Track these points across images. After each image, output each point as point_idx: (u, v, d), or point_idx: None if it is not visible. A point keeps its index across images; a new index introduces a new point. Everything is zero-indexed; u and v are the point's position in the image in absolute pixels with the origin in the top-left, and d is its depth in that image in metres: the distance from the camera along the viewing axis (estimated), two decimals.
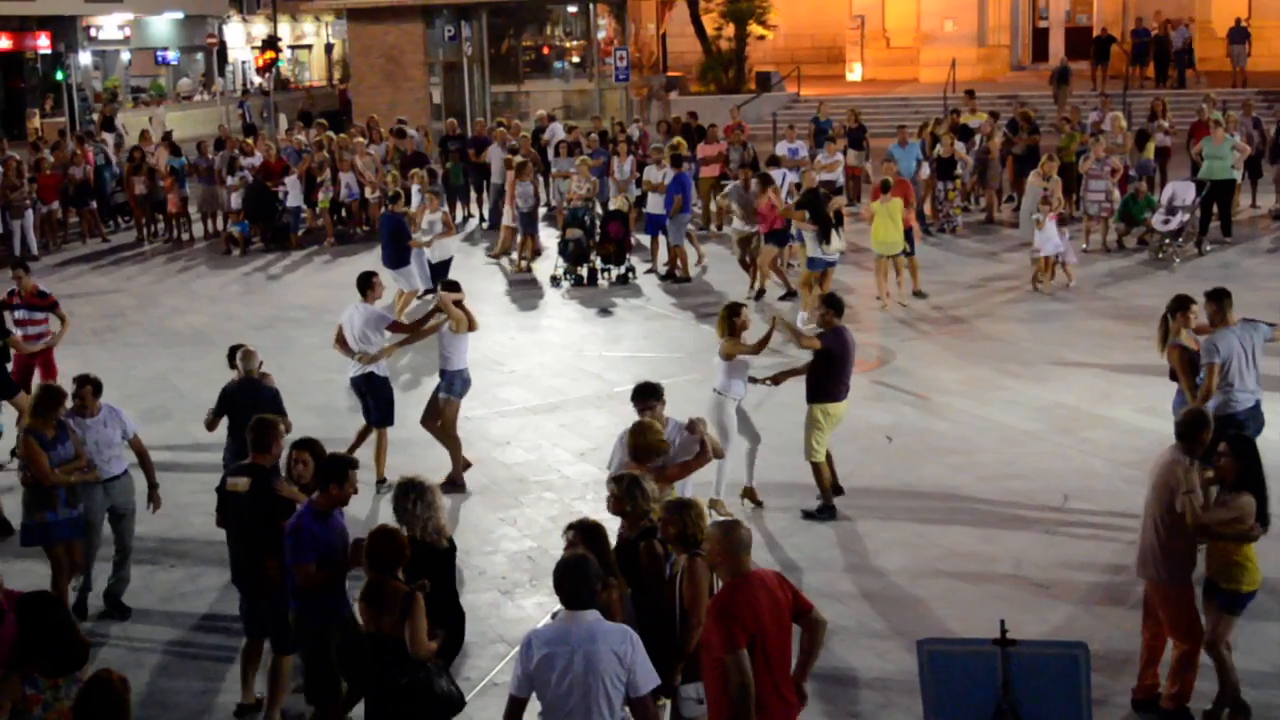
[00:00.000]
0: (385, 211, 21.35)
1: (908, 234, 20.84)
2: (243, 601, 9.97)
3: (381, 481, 14.03)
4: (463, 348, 14.19)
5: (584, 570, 7.25)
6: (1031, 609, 10.97)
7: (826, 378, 12.99)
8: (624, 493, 8.62)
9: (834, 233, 19.53)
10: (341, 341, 14.35)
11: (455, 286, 14.38)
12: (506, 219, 25.60)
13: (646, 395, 10.63)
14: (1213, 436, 10.27)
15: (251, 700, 9.94)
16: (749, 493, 13.28)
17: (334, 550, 8.95)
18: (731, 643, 7.24)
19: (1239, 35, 42.85)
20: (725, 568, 7.53)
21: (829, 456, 13.25)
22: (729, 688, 7.25)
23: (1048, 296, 21.12)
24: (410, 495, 8.74)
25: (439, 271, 21.02)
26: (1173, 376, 12.52)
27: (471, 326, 14.18)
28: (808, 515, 13.00)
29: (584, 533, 8.16)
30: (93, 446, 11.37)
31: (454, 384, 14.23)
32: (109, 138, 36.06)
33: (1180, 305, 12.35)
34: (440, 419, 14.26)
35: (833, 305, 13.17)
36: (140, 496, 11.89)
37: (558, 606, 7.31)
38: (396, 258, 20.75)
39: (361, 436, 14.47)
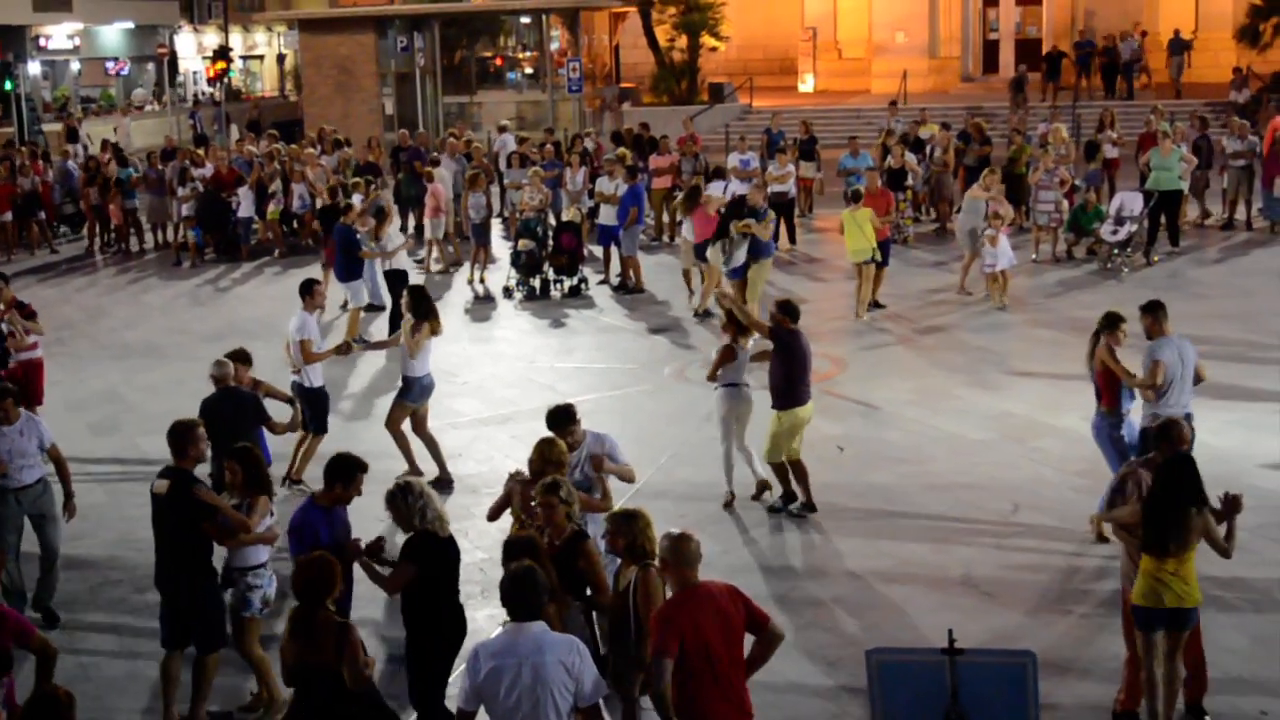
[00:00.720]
0: (337, 224, 21.16)
1: (883, 245, 20.88)
2: (163, 605, 9.99)
3: (296, 482, 14.28)
4: (422, 354, 14.28)
5: (531, 581, 7.25)
6: (981, 617, 11.03)
7: (784, 381, 13.07)
8: (556, 498, 8.68)
9: (717, 247, 19.83)
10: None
11: (420, 299, 14.43)
12: (430, 232, 25.58)
13: (564, 421, 10.64)
14: (1144, 446, 10.73)
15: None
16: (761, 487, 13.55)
17: (338, 546, 9.04)
18: (659, 649, 7.29)
19: (1178, 46, 43.35)
20: (673, 580, 7.56)
21: (801, 466, 13.33)
22: (649, 691, 7.34)
23: (987, 307, 21.24)
24: (399, 495, 8.87)
25: (391, 281, 20.76)
26: (1098, 395, 12.61)
27: (435, 331, 14.39)
28: (773, 510, 13.23)
29: (522, 551, 8.17)
30: (6, 455, 11.40)
31: (410, 389, 14.31)
32: (74, 149, 35.84)
33: (1110, 324, 12.47)
34: (402, 421, 14.48)
35: (787, 311, 13.20)
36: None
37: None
38: (347, 270, 20.61)
39: (300, 442, 14.57)
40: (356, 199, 22.78)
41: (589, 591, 8.84)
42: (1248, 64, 40.70)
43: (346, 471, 9.29)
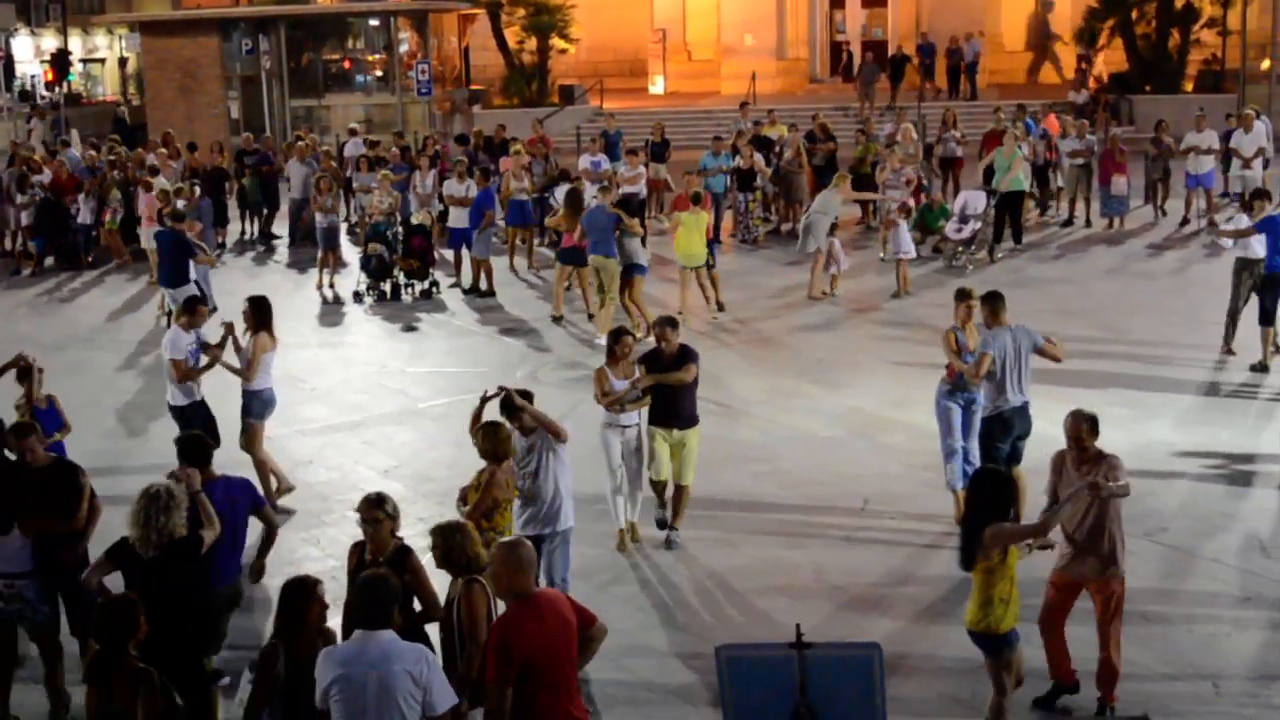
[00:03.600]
0: (165, 229, 20.64)
1: (711, 246, 21.05)
2: None
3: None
4: (262, 368, 13.87)
5: (381, 589, 7.18)
6: (831, 612, 11.18)
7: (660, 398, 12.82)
8: (382, 513, 8.58)
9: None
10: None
11: (259, 308, 14.05)
12: (144, 242, 24.74)
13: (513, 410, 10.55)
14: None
15: None
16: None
17: (221, 518, 9.20)
18: (500, 676, 7.23)
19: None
20: (508, 588, 7.49)
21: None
22: (487, 713, 7.28)
23: (836, 305, 21.57)
24: (147, 501, 8.67)
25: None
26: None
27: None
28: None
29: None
30: None
31: (251, 405, 13.94)
32: None
33: (960, 296, 12.87)
34: (257, 439, 14.04)
35: (673, 324, 13.03)
36: None
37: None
38: (175, 277, 19.89)
39: None
40: (180, 204, 22.45)
41: (419, 608, 8.65)
42: (1086, 65, 41.69)
43: (198, 453, 9.34)
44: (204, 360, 13.76)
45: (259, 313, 13.95)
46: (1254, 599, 11.30)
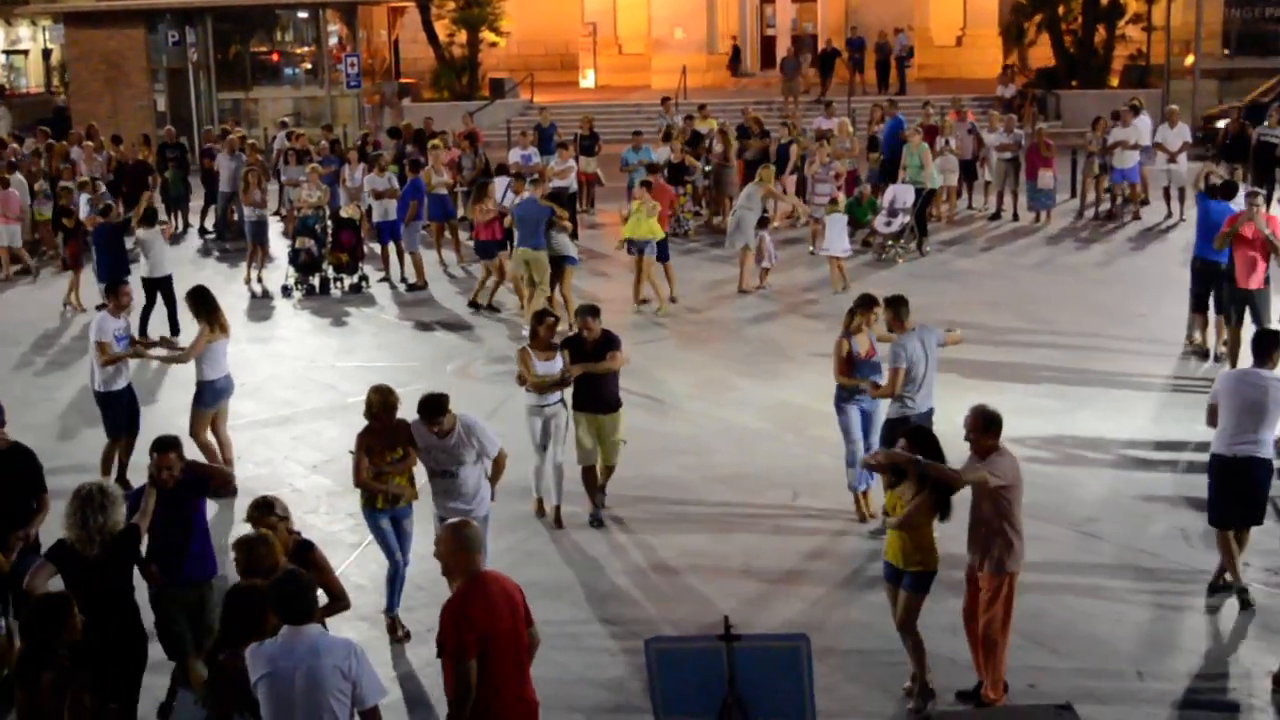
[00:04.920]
0: (101, 223, 20.54)
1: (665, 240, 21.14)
2: None
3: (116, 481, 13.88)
4: (212, 356, 14.05)
5: (297, 584, 7.14)
6: (761, 604, 11.22)
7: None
8: (273, 518, 8.54)
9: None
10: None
11: (201, 300, 14.19)
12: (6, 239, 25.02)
13: (432, 413, 10.55)
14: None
15: None
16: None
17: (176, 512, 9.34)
18: (458, 652, 7.22)
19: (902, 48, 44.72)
20: (457, 569, 7.49)
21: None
22: (451, 691, 7.25)
23: (774, 297, 21.62)
24: (80, 502, 8.60)
25: (158, 286, 20.13)
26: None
27: (224, 330, 14.20)
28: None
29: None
30: None
31: (202, 394, 14.07)
32: None
33: (864, 304, 12.83)
34: (204, 428, 14.17)
35: (594, 313, 13.14)
36: None
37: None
38: (111, 270, 19.67)
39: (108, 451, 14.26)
40: (84, 199, 22.24)
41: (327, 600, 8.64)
42: (1014, 60, 42.06)
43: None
44: (130, 349, 13.98)
45: (197, 304, 14.15)
46: (1181, 588, 11.43)
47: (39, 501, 10.21)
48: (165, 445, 9.51)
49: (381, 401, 10.82)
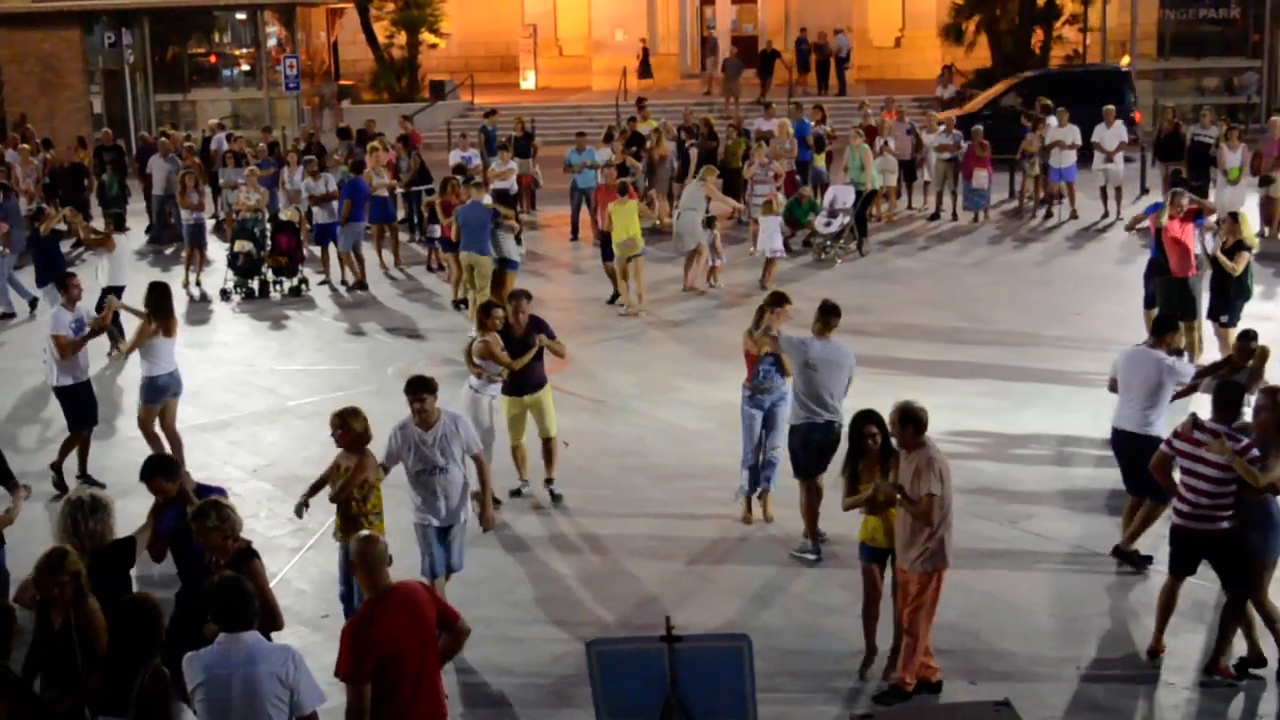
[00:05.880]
0: (34, 229, 20.35)
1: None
2: None
3: (79, 476, 14.06)
4: (155, 353, 14.10)
5: (238, 590, 7.08)
6: (704, 604, 11.22)
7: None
8: (204, 525, 8.39)
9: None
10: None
11: (159, 296, 14.27)
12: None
13: (419, 388, 10.52)
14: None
15: None
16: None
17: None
18: (356, 672, 7.21)
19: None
20: (365, 583, 7.46)
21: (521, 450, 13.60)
22: (347, 709, 7.21)
23: (715, 297, 21.67)
24: (71, 508, 8.52)
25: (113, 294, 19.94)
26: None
27: (168, 332, 14.16)
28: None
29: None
30: None
31: (145, 389, 14.20)
32: None
33: (776, 301, 12.77)
34: (149, 423, 14.33)
35: (526, 296, 13.65)
36: None
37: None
38: (46, 275, 19.49)
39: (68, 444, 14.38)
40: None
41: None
42: (953, 61, 42.30)
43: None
44: (86, 330, 14.30)
45: (152, 299, 14.22)
46: (1118, 584, 11.52)
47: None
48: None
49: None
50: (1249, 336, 12.50)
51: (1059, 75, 36.90)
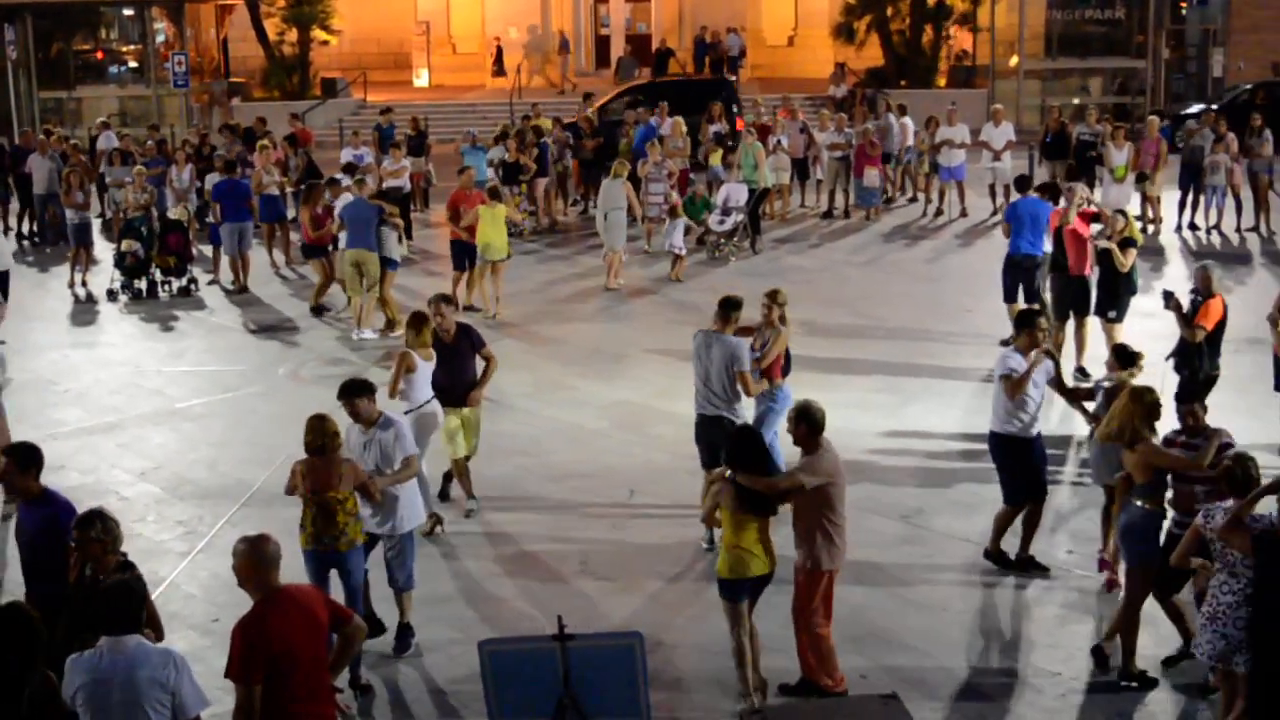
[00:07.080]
0: None
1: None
2: None
3: None
4: None
5: (126, 593, 6.96)
6: (598, 602, 11.22)
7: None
8: (88, 535, 8.10)
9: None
10: None
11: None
12: None
13: (345, 393, 10.30)
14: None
15: None
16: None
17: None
18: (245, 675, 7.13)
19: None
20: (253, 584, 7.37)
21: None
22: (235, 710, 7.14)
23: (611, 296, 21.69)
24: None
25: None
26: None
27: None
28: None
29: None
30: None
31: None
32: None
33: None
34: None
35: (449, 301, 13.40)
36: None
37: None
38: None
39: None
40: None
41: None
42: (845, 60, 42.66)
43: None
44: None
45: None
46: (1005, 577, 11.66)
47: None
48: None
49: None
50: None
51: (668, 84, 36.90)
